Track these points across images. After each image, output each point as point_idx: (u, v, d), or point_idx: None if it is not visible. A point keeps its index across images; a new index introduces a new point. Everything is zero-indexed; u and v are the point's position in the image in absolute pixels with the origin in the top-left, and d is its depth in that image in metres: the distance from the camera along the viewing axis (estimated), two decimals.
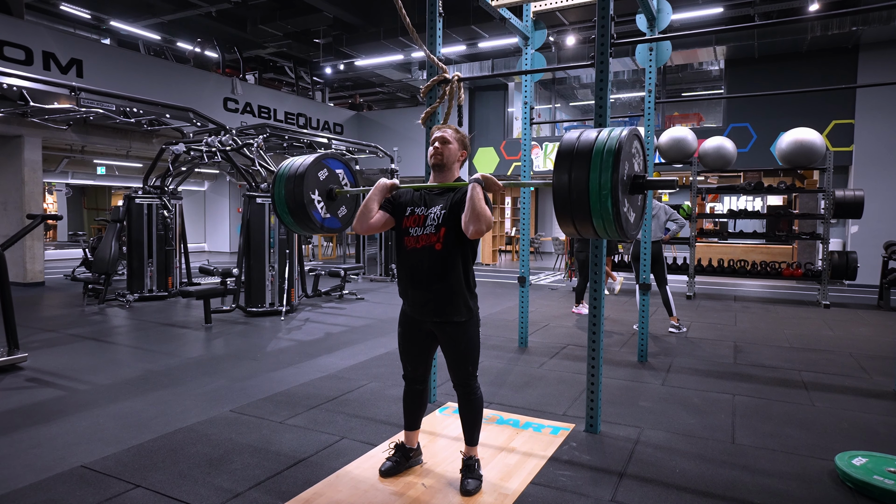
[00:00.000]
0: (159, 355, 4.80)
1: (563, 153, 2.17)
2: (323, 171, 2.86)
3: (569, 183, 2.12)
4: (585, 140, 2.16)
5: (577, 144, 2.16)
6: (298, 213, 2.74)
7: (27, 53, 8.60)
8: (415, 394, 2.58)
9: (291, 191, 2.72)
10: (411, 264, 2.35)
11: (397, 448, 2.63)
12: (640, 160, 2.33)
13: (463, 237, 2.29)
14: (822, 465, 2.75)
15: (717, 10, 9.08)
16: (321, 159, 2.87)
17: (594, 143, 2.12)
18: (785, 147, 8.00)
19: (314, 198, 2.79)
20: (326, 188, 2.88)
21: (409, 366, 2.54)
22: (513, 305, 7.54)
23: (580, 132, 2.22)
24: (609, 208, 2.04)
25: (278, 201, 2.79)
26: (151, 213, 7.78)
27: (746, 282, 10.78)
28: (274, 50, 13.89)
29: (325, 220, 2.87)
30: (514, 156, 13.64)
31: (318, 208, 2.82)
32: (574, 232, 2.21)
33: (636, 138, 2.28)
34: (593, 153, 2.09)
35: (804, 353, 5.09)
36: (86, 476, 2.57)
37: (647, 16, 4.51)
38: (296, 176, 2.74)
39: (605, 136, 2.13)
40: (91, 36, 13.03)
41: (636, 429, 3.22)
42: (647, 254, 4.74)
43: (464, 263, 2.35)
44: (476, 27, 10.45)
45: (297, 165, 2.80)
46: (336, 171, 2.95)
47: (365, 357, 4.80)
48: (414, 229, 2.35)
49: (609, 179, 2.03)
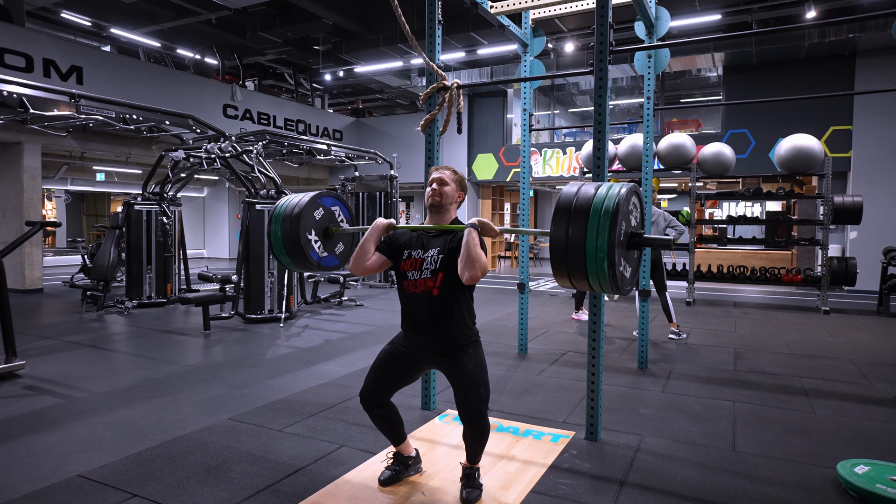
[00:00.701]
0: (158, 363, 4.79)
1: (561, 210, 2.16)
2: (318, 210, 2.86)
3: (566, 241, 2.11)
4: (583, 198, 2.14)
5: (574, 202, 2.14)
6: (296, 254, 2.76)
7: (27, 61, 8.62)
8: (379, 418, 2.47)
9: (288, 232, 2.73)
10: (411, 309, 2.38)
11: (396, 456, 2.60)
12: (637, 215, 2.31)
13: (460, 284, 2.30)
14: (824, 474, 2.74)
15: (716, 17, 9.12)
16: (316, 199, 2.87)
17: (591, 203, 2.10)
18: (783, 153, 8.02)
19: (311, 238, 2.80)
20: (323, 227, 2.88)
21: (371, 381, 2.43)
22: (512, 312, 7.53)
23: (579, 187, 2.20)
24: (605, 270, 2.05)
25: (275, 242, 2.80)
26: (150, 219, 7.78)
27: (746, 288, 10.78)
28: (273, 57, 13.93)
29: (322, 259, 2.87)
30: (514, 162, 13.66)
31: (316, 248, 2.83)
32: (569, 285, 2.22)
33: (634, 194, 2.26)
34: (591, 213, 2.08)
35: (804, 360, 5.08)
36: (83, 486, 2.55)
37: (646, 23, 4.53)
38: (292, 217, 2.74)
39: (604, 195, 2.11)
40: (91, 43, 13.07)
41: (637, 436, 3.21)
42: (647, 260, 4.73)
43: (463, 306, 2.36)
44: (475, 34, 10.48)
45: (293, 206, 2.80)
46: (332, 209, 2.96)
47: (364, 364, 4.78)
48: (411, 273, 2.36)
49: (606, 242, 2.03)
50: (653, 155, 4.62)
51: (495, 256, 14.88)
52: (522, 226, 5.11)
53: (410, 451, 2.63)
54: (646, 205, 4.69)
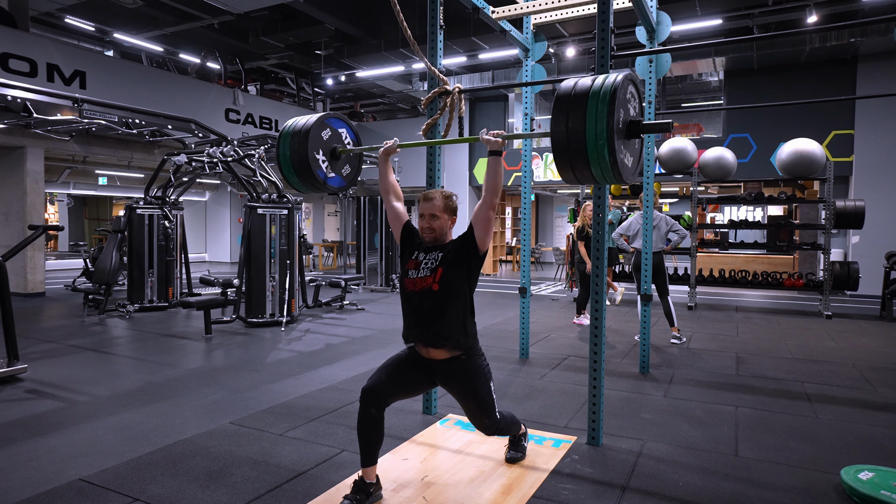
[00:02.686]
0: (159, 366, 4.79)
1: (560, 102, 2.21)
2: (326, 130, 2.90)
3: (566, 133, 2.17)
4: (581, 88, 2.19)
5: (572, 93, 2.20)
6: (303, 172, 2.79)
7: (31, 65, 8.66)
8: (369, 421, 2.34)
9: (296, 150, 2.77)
10: (413, 306, 2.41)
11: (357, 485, 2.39)
12: (635, 104, 2.35)
13: (460, 277, 2.37)
14: (828, 480, 2.73)
15: (717, 22, 9.14)
16: (324, 119, 2.91)
17: (589, 92, 2.16)
18: (785, 157, 8.02)
19: (318, 157, 2.83)
20: (330, 147, 2.91)
21: (384, 379, 2.37)
22: (513, 316, 7.52)
23: (576, 80, 2.26)
24: (606, 157, 2.10)
25: (283, 161, 2.83)
26: (152, 223, 7.79)
27: (748, 292, 10.76)
28: (275, 61, 13.97)
29: (329, 179, 2.91)
30: (515, 166, 13.68)
31: (323, 167, 2.86)
32: (573, 179, 2.27)
33: (631, 83, 2.29)
34: (588, 102, 2.13)
35: (807, 365, 5.06)
36: (84, 489, 2.55)
37: (647, 28, 4.54)
38: (300, 135, 2.78)
39: (600, 84, 2.16)
40: (95, 48, 13.12)
41: (639, 441, 3.20)
42: (649, 264, 4.73)
43: (462, 303, 2.39)
44: (476, 39, 10.52)
45: (301, 125, 2.83)
46: (339, 131, 3.00)
47: (365, 368, 4.78)
48: (412, 272, 2.43)
49: (605, 129, 2.08)
50: (654, 159, 4.62)
51: (497, 260, 14.87)
52: (524, 231, 5.11)
53: (373, 478, 2.43)
54: (648, 211, 4.69)
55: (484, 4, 4.26)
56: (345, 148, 2.98)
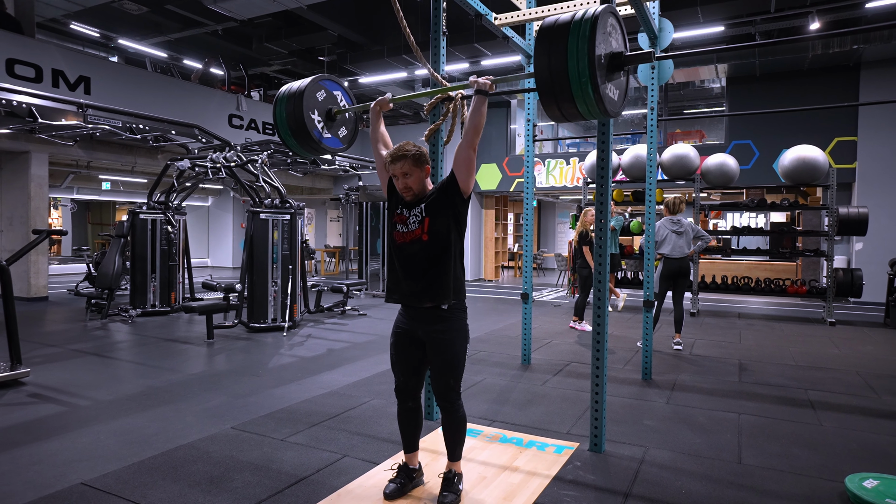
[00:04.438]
0: (161, 371, 4.79)
1: (542, 40, 2.21)
2: (321, 91, 2.90)
3: (549, 71, 2.16)
4: (561, 23, 2.19)
5: (553, 29, 2.19)
6: (300, 132, 2.79)
7: (37, 71, 8.72)
8: (408, 413, 2.55)
9: (292, 112, 2.78)
10: (403, 256, 2.42)
11: (400, 469, 2.59)
12: (618, 36, 2.33)
13: (448, 224, 2.39)
14: (832, 487, 2.71)
15: (719, 29, 9.16)
16: (318, 80, 2.91)
17: (569, 27, 2.14)
18: (788, 164, 8.02)
19: (314, 117, 2.84)
20: (325, 108, 2.92)
21: (400, 375, 2.53)
22: (515, 322, 7.51)
23: (556, 16, 2.26)
24: (590, 93, 2.10)
25: (280, 123, 2.84)
26: (155, 228, 7.81)
27: (750, 299, 10.73)
28: (279, 67, 14.04)
29: (326, 140, 2.92)
30: (517, 172, 13.69)
31: (318, 127, 2.87)
32: (560, 116, 2.26)
33: (611, 15, 2.28)
34: (569, 39, 2.12)
35: (810, 372, 5.04)
36: (86, 493, 2.55)
37: (649, 35, 4.56)
38: (295, 96, 2.78)
39: (580, 18, 2.15)
40: (99, 54, 13.21)
41: (641, 448, 3.18)
42: (651, 269, 4.72)
43: (451, 252, 2.40)
44: (479, 45, 10.55)
45: (296, 87, 2.84)
46: (334, 93, 3.00)
47: (367, 374, 4.77)
48: (400, 226, 2.45)
49: (587, 65, 2.06)
50: (656, 166, 4.63)
51: (498, 266, 14.86)
52: (526, 237, 5.10)
53: (416, 464, 2.63)
54: (650, 217, 4.69)
55: (487, 11, 4.28)
56: (340, 108, 2.99)
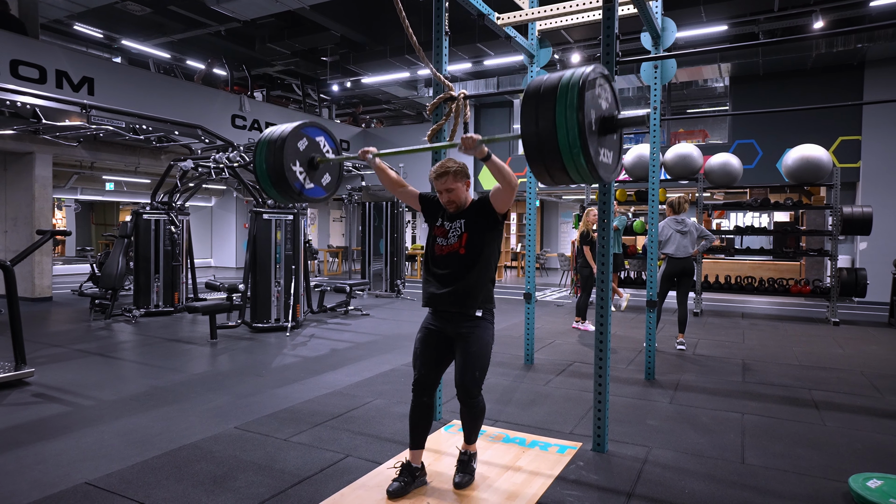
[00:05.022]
0: (164, 371, 4.80)
1: (528, 105, 2.09)
2: (302, 140, 2.82)
3: (537, 139, 2.05)
4: (548, 88, 2.06)
5: (540, 94, 2.08)
6: (280, 185, 2.73)
7: (41, 72, 8.75)
8: (421, 409, 2.60)
9: (272, 164, 2.71)
10: (441, 266, 2.57)
11: (404, 468, 2.60)
12: (608, 96, 2.22)
13: (485, 240, 2.54)
14: (836, 487, 2.70)
15: (722, 28, 9.14)
16: (299, 129, 2.83)
17: (556, 94, 2.02)
18: (791, 163, 7.99)
19: (295, 169, 2.77)
20: (307, 158, 2.84)
21: (422, 368, 2.58)
22: (518, 322, 7.51)
23: (542, 80, 2.14)
24: (583, 164, 1.99)
25: (260, 173, 2.77)
26: (159, 228, 7.83)
27: (754, 299, 10.70)
28: (282, 68, 14.07)
29: (308, 190, 2.84)
30: (520, 172, 13.69)
31: (301, 179, 2.79)
32: (550, 182, 2.16)
33: (600, 76, 2.16)
34: (556, 107, 2.00)
35: (814, 372, 5.03)
36: (90, 493, 2.56)
37: (652, 34, 4.55)
38: (275, 146, 2.71)
39: (566, 83, 2.02)
40: (103, 55, 13.25)
41: (644, 448, 3.18)
42: (654, 269, 4.71)
43: (487, 266, 2.56)
44: (482, 45, 10.56)
45: (276, 136, 2.75)
46: (316, 140, 2.92)
47: (370, 374, 4.78)
48: (441, 239, 2.60)
49: (577, 137, 1.95)
50: (659, 165, 4.62)
51: (501, 266, 14.86)
52: (529, 237, 5.10)
53: (419, 462, 2.64)
54: (653, 217, 4.68)
55: (489, 11, 4.28)
56: (323, 157, 2.91)
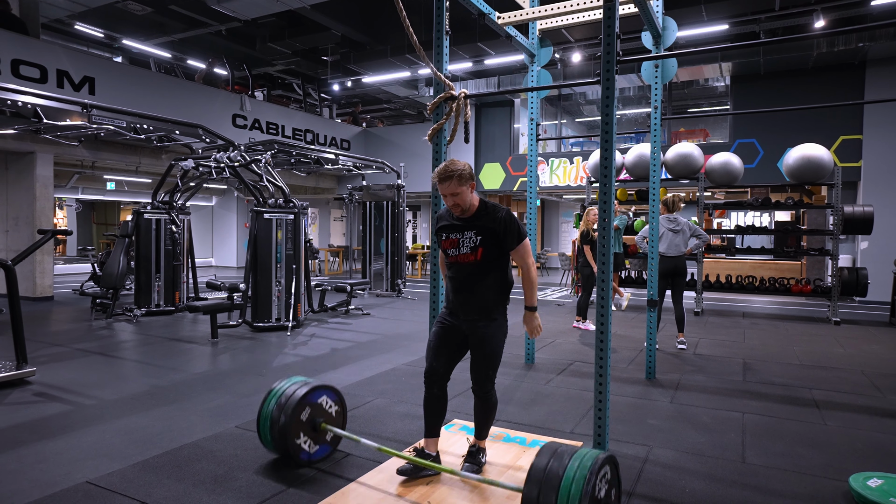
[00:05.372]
0: (165, 370, 4.81)
1: (530, 484, 2.13)
2: (305, 411, 2.88)
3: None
4: (549, 487, 2.08)
5: (542, 483, 2.10)
6: (286, 458, 2.83)
7: (42, 72, 8.76)
8: (433, 399, 2.71)
9: (279, 440, 2.79)
10: (454, 272, 2.71)
11: (418, 453, 2.71)
12: (608, 480, 2.22)
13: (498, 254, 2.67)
14: (836, 487, 2.70)
15: (723, 27, 9.13)
16: (304, 401, 2.86)
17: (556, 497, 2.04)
18: (792, 163, 7.98)
19: (299, 442, 2.84)
20: (311, 425, 2.91)
21: (434, 361, 2.69)
22: (519, 321, 7.49)
23: (546, 467, 2.15)
24: None
25: (266, 443, 2.86)
26: (160, 228, 7.84)
27: (755, 298, 10.70)
28: (282, 67, 14.07)
29: (314, 454, 2.91)
30: (521, 171, 13.69)
31: (305, 448, 2.87)
32: None
33: (607, 465, 2.18)
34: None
35: (815, 371, 5.02)
36: (91, 492, 2.56)
37: (653, 33, 4.55)
38: (280, 427, 2.77)
39: (569, 486, 2.05)
40: (104, 54, 13.26)
41: (645, 447, 3.18)
42: (655, 268, 4.71)
43: (502, 271, 2.70)
44: (482, 44, 10.55)
45: (279, 413, 2.79)
46: (318, 402, 2.98)
47: (371, 373, 4.78)
48: (451, 250, 2.71)
49: None
50: (660, 164, 4.61)
51: None
52: (529, 236, 5.10)
53: (434, 451, 2.73)
54: (654, 216, 4.68)
55: (490, 10, 4.28)
56: (326, 426, 2.95)
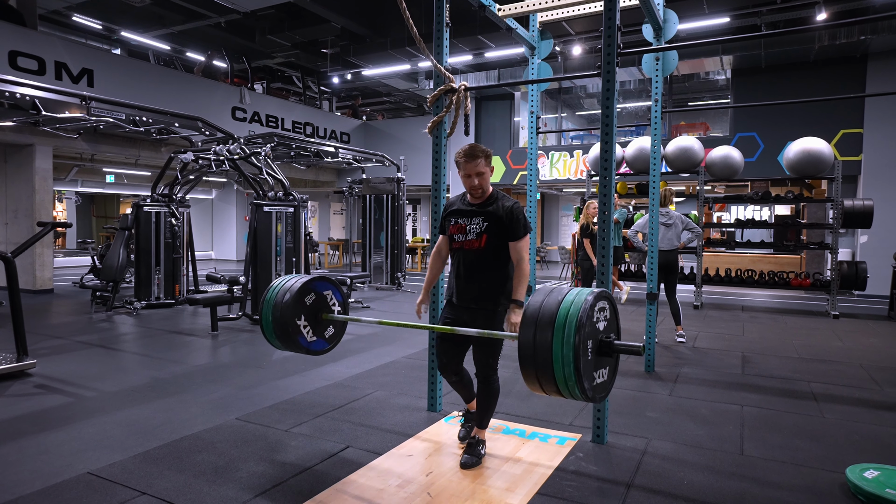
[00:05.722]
0: (166, 363, 4.82)
1: (525, 327, 2.14)
2: (310, 295, 2.91)
3: (535, 367, 2.09)
4: (545, 318, 2.09)
5: (537, 318, 2.12)
6: (285, 338, 2.82)
7: (40, 63, 8.72)
8: (456, 384, 2.98)
9: (279, 318, 2.79)
10: (459, 259, 2.81)
11: (466, 414, 3.07)
12: (607, 315, 2.23)
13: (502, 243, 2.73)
14: (833, 478, 2.72)
15: (724, 20, 9.09)
16: (309, 283, 2.90)
17: (553, 329, 2.05)
18: (792, 156, 7.97)
19: (300, 324, 2.85)
20: (313, 312, 2.93)
21: (443, 357, 2.88)
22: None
23: (541, 302, 2.16)
24: (578, 393, 2.04)
25: (266, 327, 2.86)
26: (159, 221, 7.83)
27: (754, 292, 10.71)
28: (282, 60, 14.02)
29: (312, 344, 2.92)
30: (521, 165, 13.66)
31: (305, 333, 2.88)
32: (540, 390, 2.17)
33: (602, 299, 2.18)
34: (553, 341, 2.04)
35: (813, 364, 5.04)
36: (92, 483, 2.58)
37: (654, 26, 4.53)
38: (282, 304, 2.80)
39: (563, 319, 2.05)
40: (102, 46, 13.21)
41: (643, 439, 3.20)
42: (654, 262, 4.72)
43: (502, 263, 2.77)
44: (483, 37, 10.51)
45: (285, 292, 2.83)
46: (324, 293, 3.00)
47: (371, 366, 4.79)
48: (458, 236, 2.80)
49: (573, 371, 1.99)
50: (660, 158, 4.61)
51: None
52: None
53: (475, 408, 2.96)
54: (654, 209, 4.68)
55: (490, 2, 4.26)
56: (328, 315, 3.00)
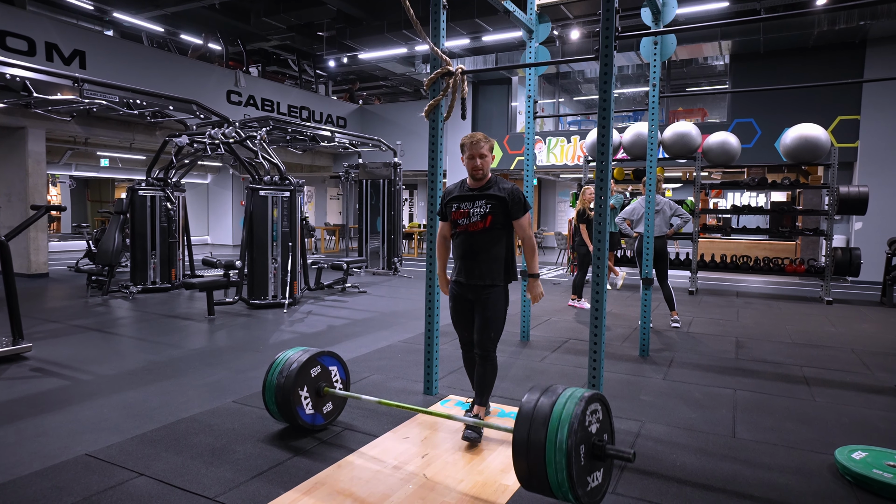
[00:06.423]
0: (162, 346, 4.83)
1: (520, 425, 2.14)
2: (316, 367, 2.95)
3: (528, 468, 2.08)
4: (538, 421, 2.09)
5: (531, 420, 2.11)
6: (284, 408, 2.85)
7: (29, 44, 8.60)
8: (472, 359, 3.09)
9: (282, 385, 2.82)
10: (462, 240, 2.95)
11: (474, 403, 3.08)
12: (599, 419, 2.22)
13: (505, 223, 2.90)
14: (822, 460, 2.76)
15: (723, 5, 9.02)
16: (316, 356, 2.96)
17: (546, 435, 2.04)
18: (789, 143, 7.97)
19: (302, 394, 2.88)
20: (315, 385, 2.96)
21: (463, 332, 3.07)
22: (515, 299, 7.53)
23: (534, 403, 2.16)
24: (571, 498, 2.04)
25: (269, 391, 2.89)
26: (155, 205, 7.80)
27: (749, 278, 10.77)
28: (277, 43, 13.86)
29: (309, 417, 2.94)
30: (518, 150, 13.62)
31: (304, 405, 2.91)
32: (531, 486, 2.14)
33: (595, 402, 2.18)
34: (546, 447, 2.03)
35: (806, 349, 5.09)
36: (90, 464, 2.60)
37: (652, 9, 4.49)
38: (287, 375, 2.83)
39: (557, 421, 2.05)
40: (94, 27, 13.00)
41: (637, 422, 3.23)
42: (650, 248, 4.73)
43: (506, 242, 2.93)
44: (480, 20, 10.40)
45: (292, 363, 2.87)
46: (329, 368, 3.05)
47: (367, 350, 4.82)
48: (462, 220, 2.93)
49: (566, 479, 1.99)
50: (658, 144, 4.60)
51: None
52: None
53: None
54: (651, 195, 4.68)
55: None
56: (330, 390, 3.00)
